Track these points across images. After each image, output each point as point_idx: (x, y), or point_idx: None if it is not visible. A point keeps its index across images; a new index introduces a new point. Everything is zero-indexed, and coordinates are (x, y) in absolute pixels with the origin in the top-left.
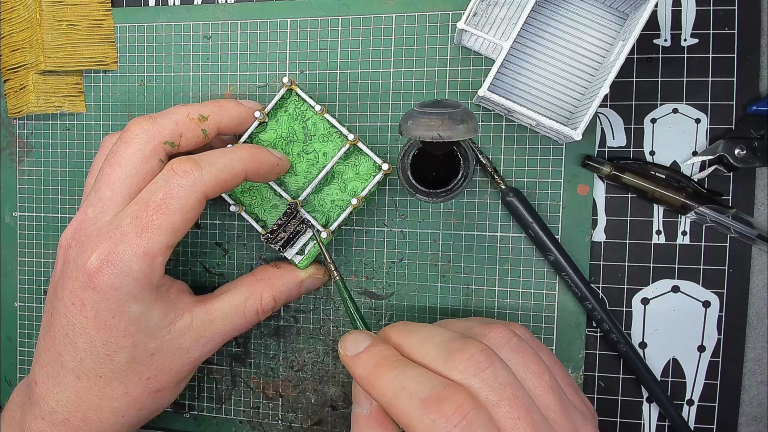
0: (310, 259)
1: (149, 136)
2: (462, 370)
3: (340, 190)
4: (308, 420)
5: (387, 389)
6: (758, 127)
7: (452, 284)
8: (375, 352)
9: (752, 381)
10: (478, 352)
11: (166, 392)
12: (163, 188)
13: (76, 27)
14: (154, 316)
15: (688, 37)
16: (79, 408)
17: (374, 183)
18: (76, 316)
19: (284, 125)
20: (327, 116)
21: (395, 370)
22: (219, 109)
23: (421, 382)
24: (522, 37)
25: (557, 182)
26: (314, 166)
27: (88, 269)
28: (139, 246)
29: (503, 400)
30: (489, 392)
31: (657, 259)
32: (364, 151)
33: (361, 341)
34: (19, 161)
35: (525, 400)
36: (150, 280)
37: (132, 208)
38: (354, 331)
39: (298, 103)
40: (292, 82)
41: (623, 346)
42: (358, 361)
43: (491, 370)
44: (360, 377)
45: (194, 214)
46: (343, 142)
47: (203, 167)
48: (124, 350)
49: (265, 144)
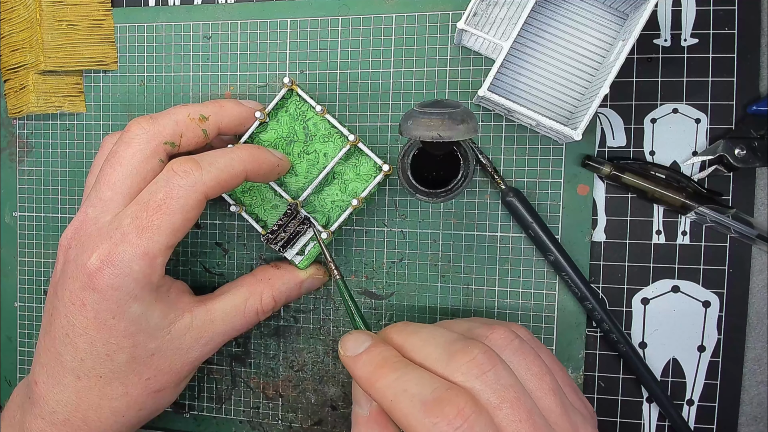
0: (310, 260)
1: (150, 137)
2: (464, 372)
3: (340, 191)
4: (308, 420)
5: (388, 391)
6: (758, 127)
7: (452, 284)
8: (376, 352)
9: (752, 381)
10: (481, 353)
11: (166, 392)
12: (164, 188)
13: (76, 27)
14: (154, 316)
15: (688, 37)
16: (79, 408)
17: (375, 184)
18: (76, 316)
19: (285, 125)
20: (328, 116)
21: (396, 371)
22: (219, 109)
23: (422, 384)
24: (522, 37)
25: (557, 182)
26: (315, 166)
27: (89, 269)
28: (140, 246)
29: (505, 403)
30: (491, 394)
31: (657, 259)
32: (365, 151)
33: (362, 342)
34: (19, 161)
35: (527, 403)
36: (150, 281)
37: (132, 208)
38: (354, 331)
39: (298, 103)
40: (293, 82)
41: (623, 346)
42: (358, 361)
43: (493, 372)
44: (360, 378)
45: (194, 215)
46: (344, 143)
47: (203, 167)
48: (124, 350)
49: (266, 144)
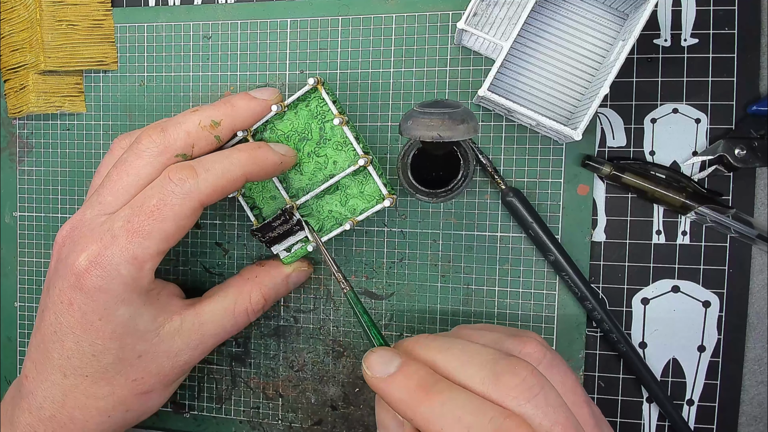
0: (295, 258)
1: (160, 150)
2: (515, 396)
3: (340, 203)
4: (308, 420)
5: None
6: (758, 127)
7: (452, 284)
8: (411, 372)
9: (752, 381)
10: (530, 375)
11: (154, 394)
12: (158, 195)
13: (76, 27)
14: (143, 319)
15: (688, 37)
16: (65, 405)
17: (374, 211)
18: (64, 314)
19: (302, 120)
20: (345, 129)
21: (441, 394)
22: (232, 110)
23: (476, 413)
24: (522, 37)
25: (557, 182)
26: (321, 170)
27: (77, 269)
28: (129, 250)
29: (557, 426)
30: (543, 418)
31: (657, 259)
32: (373, 176)
33: (390, 360)
34: (19, 161)
35: (573, 421)
36: (139, 284)
37: (126, 211)
38: (377, 348)
39: (321, 101)
40: (319, 81)
41: (623, 346)
42: (392, 384)
43: (543, 395)
44: (398, 402)
45: (189, 222)
46: (356, 159)
47: (200, 174)
48: (110, 352)
49: (279, 134)
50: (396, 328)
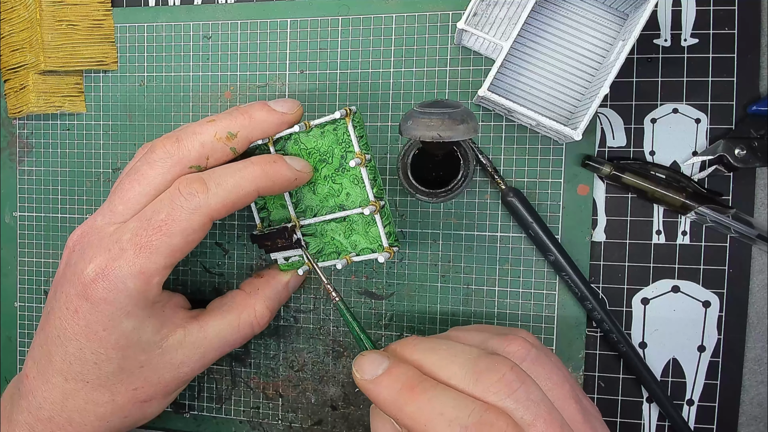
0: (292, 267)
1: (174, 162)
2: (495, 391)
3: (343, 235)
4: (308, 420)
5: (420, 414)
6: (758, 127)
7: (452, 284)
8: (398, 373)
9: (752, 381)
10: (509, 371)
11: (153, 403)
12: (166, 209)
13: (76, 27)
14: (147, 331)
15: (688, 37)
16: (64, 408)
17: (367, 258)
18: (68, 321)
19: (327, 142)
20: (363, 171)
21: (426, 393)
22: (249, 122)
23: (458, 408)
24: (522, 37)
25: (557, 182)
26: (334, 198)
27: (84, 279)
28: (136, 265)
29: (538, 419)
30: (524, 412)
31: (657, 259)
32: (377, 225)
33: (379, 363)
34: (19, 161)
35: (557, 415)
36: (145, 297)
37: (134, 223)
38: (367, 352)
39: (348, 131)
40: (349, 113)
41: (623, 346)
42: (379, 384)
43: (524, 389)
44: (385, 402)
45: (197, 237)
46: (367, 201)
47: (210, 189)
48: (112, 361)
49: (301, 148)
50: (396, 328)
